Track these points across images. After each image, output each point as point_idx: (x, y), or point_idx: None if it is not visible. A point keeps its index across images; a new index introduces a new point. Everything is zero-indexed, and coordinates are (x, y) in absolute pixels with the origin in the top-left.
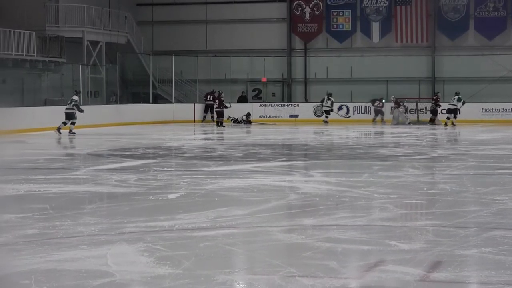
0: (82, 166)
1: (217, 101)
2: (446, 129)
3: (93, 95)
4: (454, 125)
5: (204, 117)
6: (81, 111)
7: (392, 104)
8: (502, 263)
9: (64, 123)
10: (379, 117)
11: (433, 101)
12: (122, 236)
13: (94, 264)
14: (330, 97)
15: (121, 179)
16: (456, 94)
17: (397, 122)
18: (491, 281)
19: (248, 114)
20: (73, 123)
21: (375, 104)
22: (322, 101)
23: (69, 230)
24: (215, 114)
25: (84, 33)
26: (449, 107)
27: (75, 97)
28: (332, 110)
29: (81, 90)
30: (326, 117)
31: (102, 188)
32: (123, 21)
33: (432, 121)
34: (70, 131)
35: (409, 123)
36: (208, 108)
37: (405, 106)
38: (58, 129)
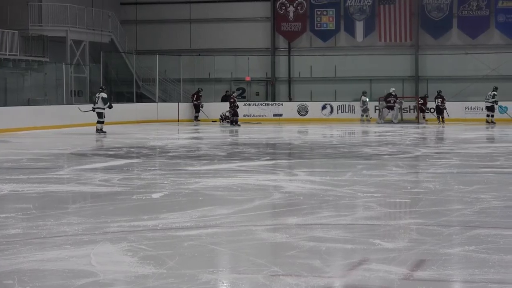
0: (66, 166)
1: (231, 100)
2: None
3: (76, 94)
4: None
5: (196, 117)
6: (111, 107)
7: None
8: (486, 261)
9: (101, 122)
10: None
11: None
12: (105, 235)
13: (77, 264)
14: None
15: (105, 178)
16: (494, 89)
17: (384, 121)
18: (475, 279)
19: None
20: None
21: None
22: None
23: (53, 229)
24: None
25: (67, 33)
26: (486, 105)
27: (104, 94)
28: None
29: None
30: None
31: (85, 188)
32: (107, 20)
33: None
34: (100, 130)
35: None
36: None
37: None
38: (100, 129)
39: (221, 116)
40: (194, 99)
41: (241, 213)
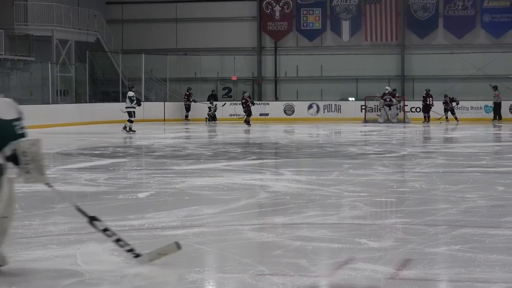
0: (52, 165)
1: (243, 100)
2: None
3: (62, 94)
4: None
5: (186, 116)
6: (139, 104)
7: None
8: (472, 260)
9: (130, 121)
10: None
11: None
12: (91, 235)
13: (63, 264)
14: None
15: (91, 178)
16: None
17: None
18: (461, 279)
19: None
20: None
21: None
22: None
23: (39, 229)
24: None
25: (53, 32)
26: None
27: (130, 93)
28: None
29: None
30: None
31: (71, 187)
32: (93, 19)
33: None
34: (127, 129)
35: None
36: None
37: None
38: (129, 129)
39: (208, 115)
40: (185, 98)
41: (227, 212)
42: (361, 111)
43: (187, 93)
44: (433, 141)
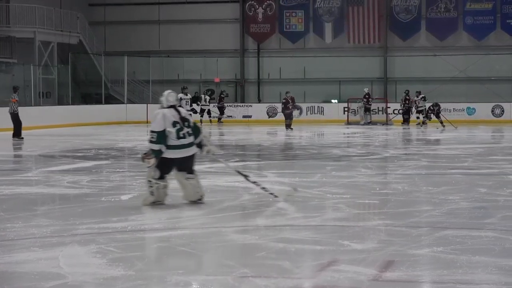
0: (34, 168)
1: (283, 101)
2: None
3: (44, 96)
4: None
5: (219, 118)
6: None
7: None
8: (454, 262)
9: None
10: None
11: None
12: (74, 237)
13: (46, 266)
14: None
15: (74, 180)
16: None
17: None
18: (443, 280)
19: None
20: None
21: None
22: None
23: (21, 232)
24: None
25: (35, 34)
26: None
27: (181, 95)
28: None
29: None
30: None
31: (54, 190)
32: (75, 21)
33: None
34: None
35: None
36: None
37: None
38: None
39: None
40: (218, 101)
41: (211, 214)
42: (344, 113)
43: (221, 95)
44: (415, 143)
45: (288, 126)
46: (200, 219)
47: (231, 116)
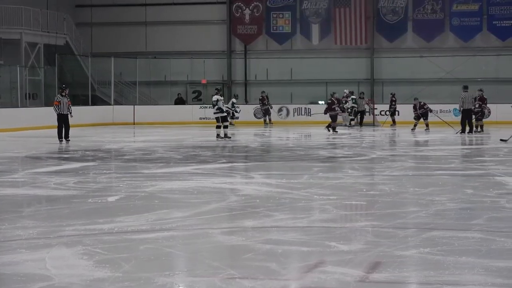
0: (20, 169)
1: (329, 102)
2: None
3: (31, 97)
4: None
5: (266, 120)
6: (230, 112)
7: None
8: (441, 263)
9: (223, 126)
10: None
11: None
12: (61, 239)
13: (32, 268)
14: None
15: (60, 181)
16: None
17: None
18: (430, 281)
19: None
20: (226, 126)
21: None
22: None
23: (7, 233)
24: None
25: (22, 35)
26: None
27: (216, 97)
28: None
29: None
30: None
31: (40, 191)
32: (62, 22)
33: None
34: (224, 135)
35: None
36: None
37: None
38: (225, 135)
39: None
40: (260, 102)
41: (197, 216)
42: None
43: (261, 96)
44: (402, 144)
45: (333, 128)
46: (187, 220)
47: (237, 117)
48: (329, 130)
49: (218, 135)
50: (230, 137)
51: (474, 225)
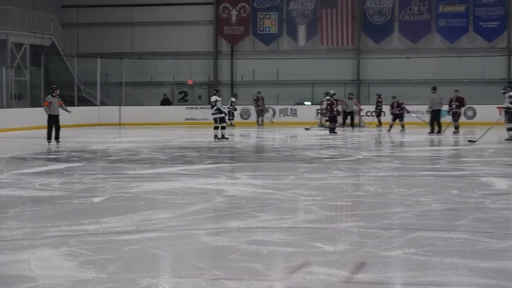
0: (5, 170)
1: (332, 102)
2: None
3: (17, 98)
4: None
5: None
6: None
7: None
8: (426, 263)
9: (221, 127)
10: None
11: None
12: (45, 240)
13: (17, 269)
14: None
15: (45, 182)
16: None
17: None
18: (415, 282)
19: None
20: (223, 127)
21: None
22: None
23: None
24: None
25: (8, 35)
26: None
27: (215, 98)
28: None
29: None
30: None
31: (25, 192)
32: (48, 23)
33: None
34: (221, 136)
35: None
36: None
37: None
38: (223, 136)
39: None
40: (255, 103)
41: (183, 217)
42: (317, 115)
43: (256, 97)
44: (388, 145)
45: (332, 129)
46: (172, 221)
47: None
48: (335, 132)
49: (215, 136)
50: (228, 138)
51: (459, 225)
